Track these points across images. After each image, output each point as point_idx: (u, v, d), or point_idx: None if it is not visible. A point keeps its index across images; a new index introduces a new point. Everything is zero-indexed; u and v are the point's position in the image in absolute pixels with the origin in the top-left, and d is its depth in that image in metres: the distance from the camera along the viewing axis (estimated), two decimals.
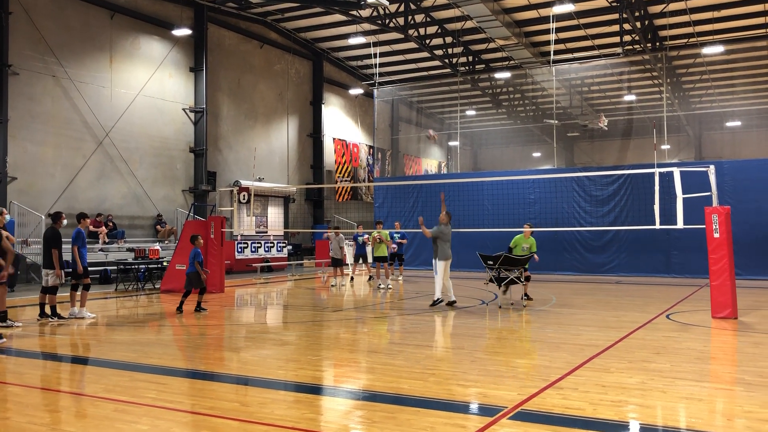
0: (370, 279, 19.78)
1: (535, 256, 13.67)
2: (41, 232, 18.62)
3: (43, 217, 19.06)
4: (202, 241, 13.29)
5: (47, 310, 11.48)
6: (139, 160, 23.51)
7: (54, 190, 20.56)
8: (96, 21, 22.15)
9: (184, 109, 25.29)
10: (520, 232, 14.19)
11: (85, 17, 21.80)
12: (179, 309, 12.57)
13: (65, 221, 11.98)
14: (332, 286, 18.07)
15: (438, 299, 13.23)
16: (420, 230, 13.96)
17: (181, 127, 25.23)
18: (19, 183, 19.57)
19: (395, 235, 19.37)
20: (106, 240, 20.76)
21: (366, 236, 18.99)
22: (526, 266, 13.50)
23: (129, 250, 20.49)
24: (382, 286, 17.29)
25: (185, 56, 25.49)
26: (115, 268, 18.50)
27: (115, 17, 22.68)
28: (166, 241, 22.97)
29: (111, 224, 21.56)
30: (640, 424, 5.42)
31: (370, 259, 19.47)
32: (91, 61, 21.97)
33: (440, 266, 13.12)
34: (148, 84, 23.81)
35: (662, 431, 5.28)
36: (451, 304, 13.17)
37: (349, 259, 24.84)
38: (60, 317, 11.50)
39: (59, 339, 9.84)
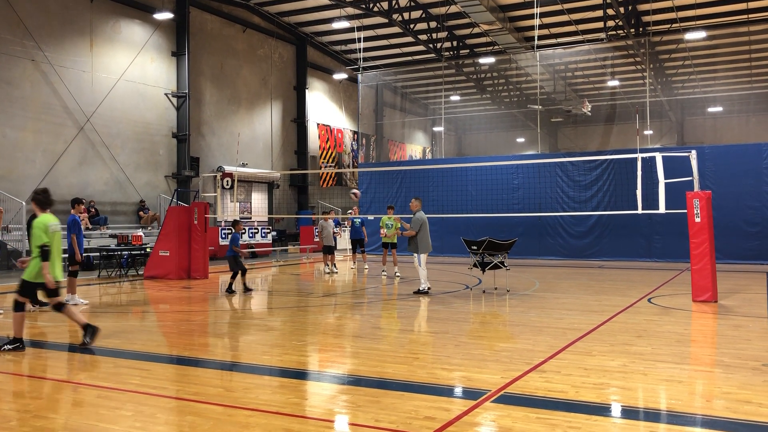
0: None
1: None
2: (22, 218, 18.47)
3: (23, 203, 18.85)
4: (243, 226, 13.92)
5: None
6: (121, 146, 23.28)
7: (34, 175, 20.31)
8: (75, 4, 21.81)
9: (166, 94, 25.04)
10: (505, 218, 14.03)
11: (65, 0, 21.46)
12: (229, 290, 13.32)
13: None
14: (327, 273, 17.93)
15: (424, 289, 12.79)
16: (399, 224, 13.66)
17: (163, 112, 24.99)
18: None
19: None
20: (89, 226, 20.57)
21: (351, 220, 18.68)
22: None
23: (112, 236, 20.35)
24: (385, 272, 17.12)
25: (167, 40, 25.19)
26: (98, 254, 18.37)
27: (95, 0, 22.34)
28: (149, 228, 22.83)
29: (93, 210, 21.38)
30: (621, 406, 5.50)
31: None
32: (71, 45, 21.65)
33: (423, 259, 12.72)
34: (130, 68, 23.53)
35: (643, 413, 5.36)
36: (424, 293, 12.85)
37: (345, 245, 24.67)
38: (42, 304, 11.37)
39: (41, 326, 9.77)
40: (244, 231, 13.85)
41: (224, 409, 5.39)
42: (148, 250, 17.67)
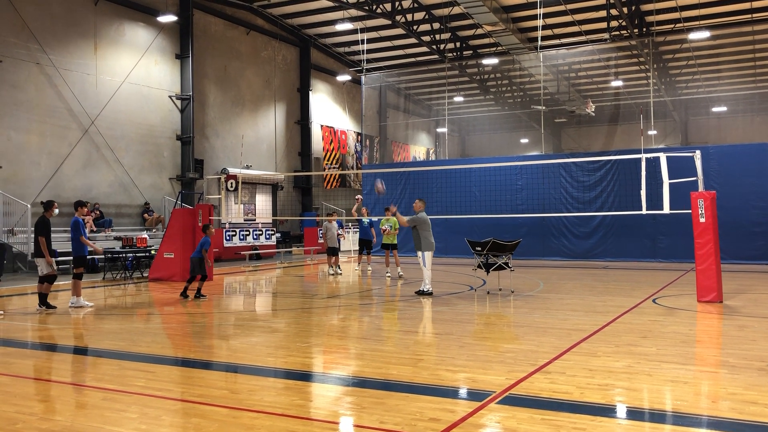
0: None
1: None
2: (27, 221, 18.54)
3: (28, 206, 18.91)
4: (213, 230, 13.58)
5: (40, 299, 11.33)
6: (125, 148, 23.34)
7: (39, 178, 20.39)
8: (80, 7, 21.89)
9: (170, 97, 25.10)
10: (509, 219, 14.04)
11: (69, 3, 21.53)
12: (184, 294, 12.88)
13: (57, 210, 11.69)
14: (331, 274, 17.94)
15: (428, 290, 12.83)
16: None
17: (167, 115, 25.05)
18: (4, 171, 19.38)
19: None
20: (94, 228, 20.64)
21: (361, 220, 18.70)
22: None
23: (116, 238, 20.39)
24: (389, 274, 17.11)
25: (171, 43, 25.26)
26: (103, 256, 18.40)
27: (99, 3, 22.41)
28: (153, 230, 22.87)
29: (98, 213, 21.43)
30: (626, 407, 5.48)
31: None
32: (76, 48, 21.73)
33: (428, 257, 12.74)
34: (134, 71, 23.60)
35: (648, 414, 5.35)
36: (427, 294, 12.87)
37: (349, 246, 24.67)
38: (50, 306, 11.37)
39: (47, 328, 9.80)
40: (212, 234, 13.43)
41: (229, 411, 5.39)
42: (152, 252, 17.69)
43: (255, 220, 27.22)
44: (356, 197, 20.34)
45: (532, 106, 36.59)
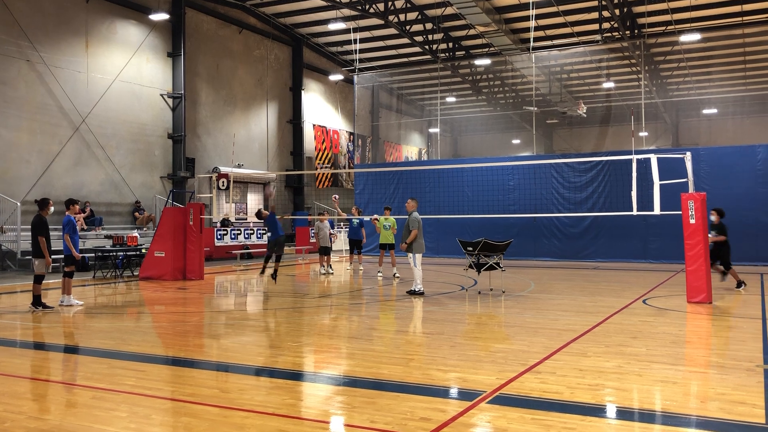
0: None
1: None
2: (17, 219, 18.42)
3: (18, 204, 18.79)
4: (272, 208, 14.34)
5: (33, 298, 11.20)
6: (116, 147, 23.23)
7: (29, 176, 20.26)
8: (71, 4, 21.76)
9: (162, 95, 25.00)
10: (500, 219, 14.05)
11: (60, 0, 21.40)
12: (267, 273, 13.72)
13: (53, 208, 11.48)
14: (322, 274, 17.91)
15: (419, 290, 12.85)
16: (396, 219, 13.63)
17: (159, 113, 24.95)
18: None
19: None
20: (84, 227, 20.51)
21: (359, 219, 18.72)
22: None
23: (107, 237, 20.29)
24: (381, 273, 17.09)
25: (163, 41, 25.16)
26: (93, 255, 18.32)
27: (90, 1, 22.29)
28: (144, 228, 22.78)
29: (88, 211, 21.32)
30: (616, 407, 5.51)
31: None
32: (67, 45, 21.60)
33: (418, 259, 12.82)
34: (125, 69, 23.49)
35: (638, 414, 5.37)
36: (419, 293, 12.93)
37: (341, 246, 24.66)
38: (45, 306, 11.20)
39: (37, 327, 9.74)
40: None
41: (219, 410, 5.38)
42: (143, 250, 17.63)
43: (246, 219, 27.15)
44: (333, 196, 20.22)
45: (524, 107, 36.65)
